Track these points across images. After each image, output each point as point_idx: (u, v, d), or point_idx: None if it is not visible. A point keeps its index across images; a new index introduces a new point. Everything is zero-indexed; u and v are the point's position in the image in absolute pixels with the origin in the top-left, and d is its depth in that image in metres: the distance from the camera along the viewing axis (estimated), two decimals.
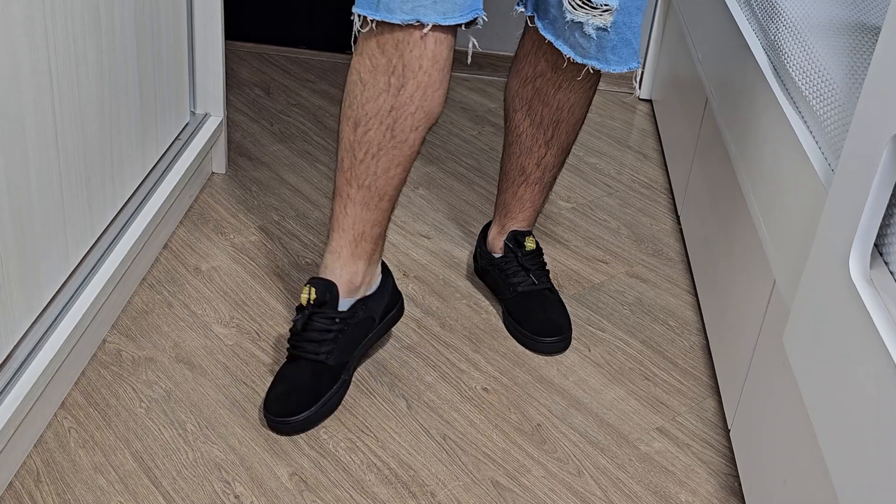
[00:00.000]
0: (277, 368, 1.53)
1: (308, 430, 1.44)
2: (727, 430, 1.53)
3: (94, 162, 1.50)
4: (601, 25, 1.42)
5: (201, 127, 1.98)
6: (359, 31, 1.34)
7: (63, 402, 1.44)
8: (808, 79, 1.34)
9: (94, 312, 1.48)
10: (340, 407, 1.49)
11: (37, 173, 1.31)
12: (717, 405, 1.59)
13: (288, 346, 1.50)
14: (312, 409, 1.44)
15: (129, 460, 1.36)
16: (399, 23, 1.29)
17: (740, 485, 1.42)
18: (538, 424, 1.51)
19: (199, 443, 1.40)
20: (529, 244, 1.71)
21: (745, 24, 1.71)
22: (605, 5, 1.39)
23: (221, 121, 2.03)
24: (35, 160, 1.30)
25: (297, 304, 1.50)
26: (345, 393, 1.50)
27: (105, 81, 1.50)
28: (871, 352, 0.91)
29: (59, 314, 1.41)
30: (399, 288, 1.68)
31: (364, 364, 1.58)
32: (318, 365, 1.47)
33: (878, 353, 0.90)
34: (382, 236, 1.51)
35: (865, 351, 0.92)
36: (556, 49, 1.50)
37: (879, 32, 1.09)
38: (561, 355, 1.66)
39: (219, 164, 2.09)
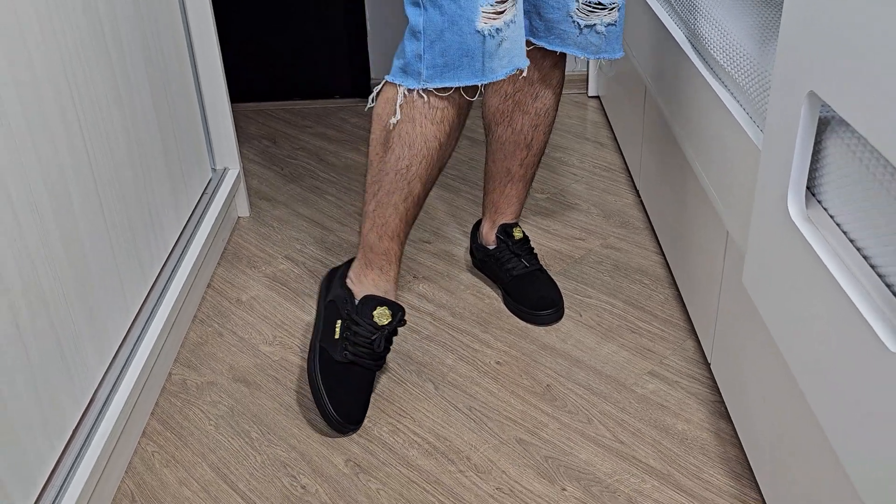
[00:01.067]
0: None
1: None
2: (708, 365, 1.53)
3: (137, 225, 1.50)
4: (611, 21, 1.41)
5: (223, 180, 1.98)
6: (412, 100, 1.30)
7: (144, 431, 1.44)
8: (727, 56, 1.34)
9: (157, 351, 1.48)
10: (378, 397, 1.49)
11: (90, 243, 1.31)
12: (696, 344, 1.59)
13: (350, 355, 1.44)
14: (367, 408, 1.46)
15: (207, 471, 1.36)
16: (503, 77, 1.27)
17: (726, 408, 1.43)
18: (548, 385, 1.51)
19: (264, 447, 1.40)
20: (518, 234, 1.72)
21: (668, 20, 1.72)
22: (613, 3, 1.39)
23: (239, 172, 2.03)
24: (86, 231, 1.30)
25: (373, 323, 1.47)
26: None
27: (135, 155, 1.50)
28: (816, 276, 0.92)
29: (127, 358, 1.42)
30: (411, 288, 1.67)
31: (392, 358, 1.58)
32: (374, 374, 1.48)
33: (822, 276, 0.90)
34: None
35: (812, 276, 0.93)
36: (532, 64, 1.50)
37: (782, 8, 1.09)
38: (557, 323, 1.66)
39: (242, 208, 2.09)
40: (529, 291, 1.68)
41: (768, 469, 1.21)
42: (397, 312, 1.46)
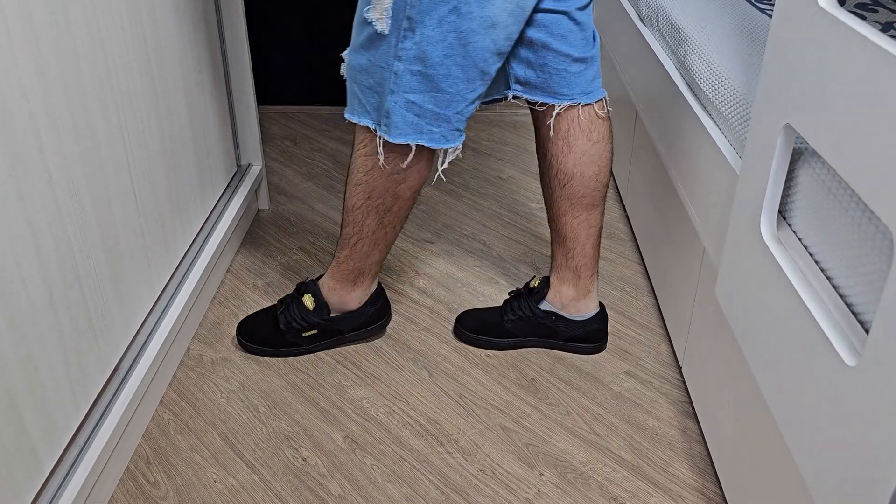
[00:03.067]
0: (324, 358, 1.53)
1: None
2: (679, 368, 1.53)
3: (166, 211, 1.50)
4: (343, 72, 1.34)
5: (246, 175, 1.98)
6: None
7: (161, 400, 1.44)
8: (713, 87, 1.34)
9: (178, 328, 1.48)
10: (376, 380, 1.49)
11: (122, 227, 1.31)
12: (670, 349, 1.59)
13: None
14: None
15: (217, 440, 1.36)
16: None
17: (694, 409, 1.42)
18: (532, 379, 1.51)
19: (270, 420, 1.40)
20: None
21: (660, 50, 1.72)
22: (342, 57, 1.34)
23: (261, 168, 2.03)
24: (120, 216, 1.30)
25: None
26: None
27: (167, 150, 1.50)
28: (783, 293, 0.92)
29: (150, 332, 1.41)
30: (413, 283, 1.66)
31: (391, 344, 1.58)
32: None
33: (789, 293, 0.90)
34: None
35: (779, 292, 0.93)
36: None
37: (765, 48, 1.09)
38: None
39: (263, 202, 2.08)
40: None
41: (729, 467, 1.21)
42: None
